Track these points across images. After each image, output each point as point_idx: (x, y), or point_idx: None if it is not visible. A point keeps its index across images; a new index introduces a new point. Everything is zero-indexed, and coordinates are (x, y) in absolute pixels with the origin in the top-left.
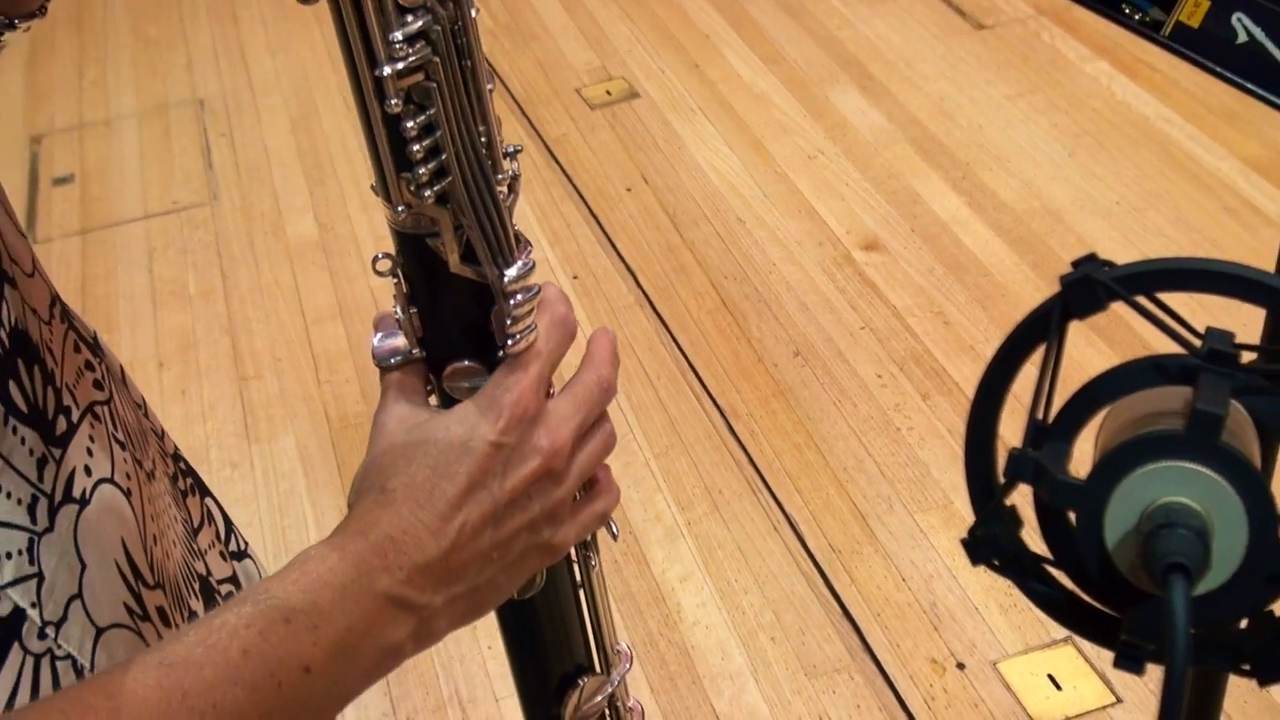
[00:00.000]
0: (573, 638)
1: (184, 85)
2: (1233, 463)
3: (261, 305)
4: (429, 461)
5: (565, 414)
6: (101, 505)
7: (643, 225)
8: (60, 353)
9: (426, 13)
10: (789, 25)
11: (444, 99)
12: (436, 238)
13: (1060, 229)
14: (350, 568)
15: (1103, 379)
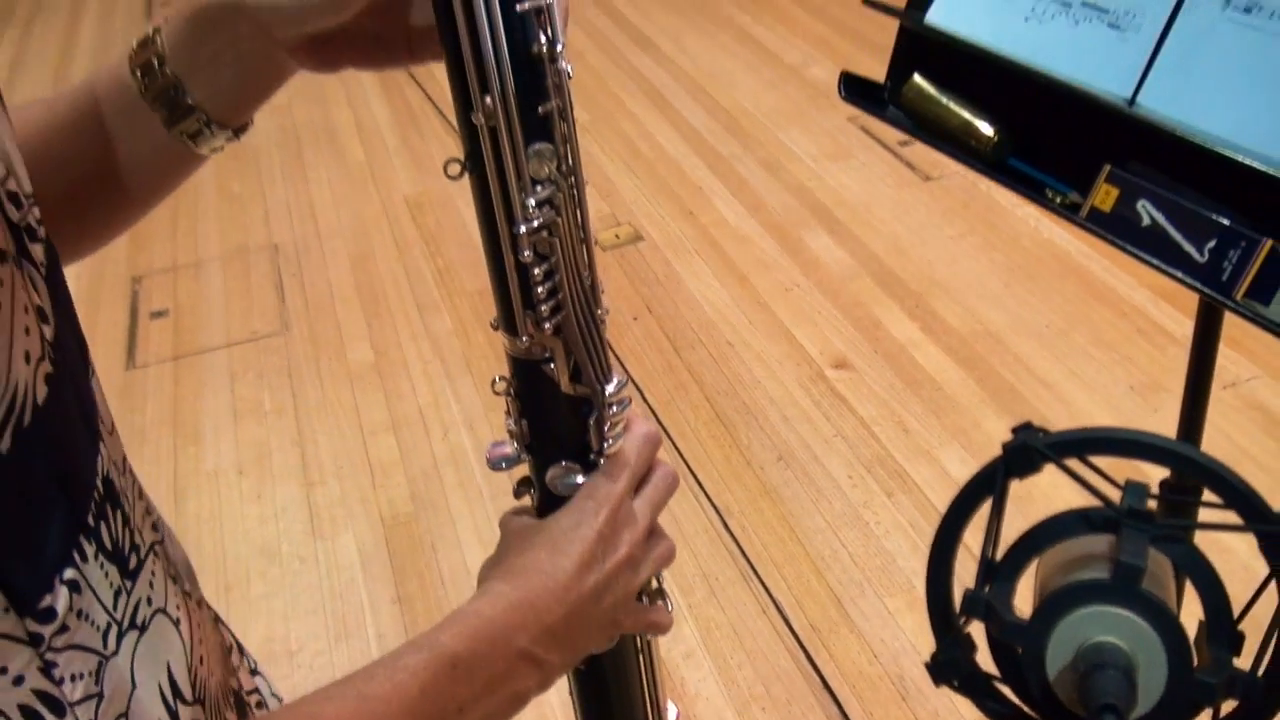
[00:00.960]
0: (632, 693)
1: (261, 233)
2: (1152, 608)
3: (325, 420)
4: (547, 543)
5: (644, 512)
6: (156, 632)
7: (647, 349)
8: (131, 500)
9: (552, 184)
10: (767, 179)
11: (563, 251)
12: (549, 363)
13: (1000, 349)
14: (500, 626)
15: (1041, 527)
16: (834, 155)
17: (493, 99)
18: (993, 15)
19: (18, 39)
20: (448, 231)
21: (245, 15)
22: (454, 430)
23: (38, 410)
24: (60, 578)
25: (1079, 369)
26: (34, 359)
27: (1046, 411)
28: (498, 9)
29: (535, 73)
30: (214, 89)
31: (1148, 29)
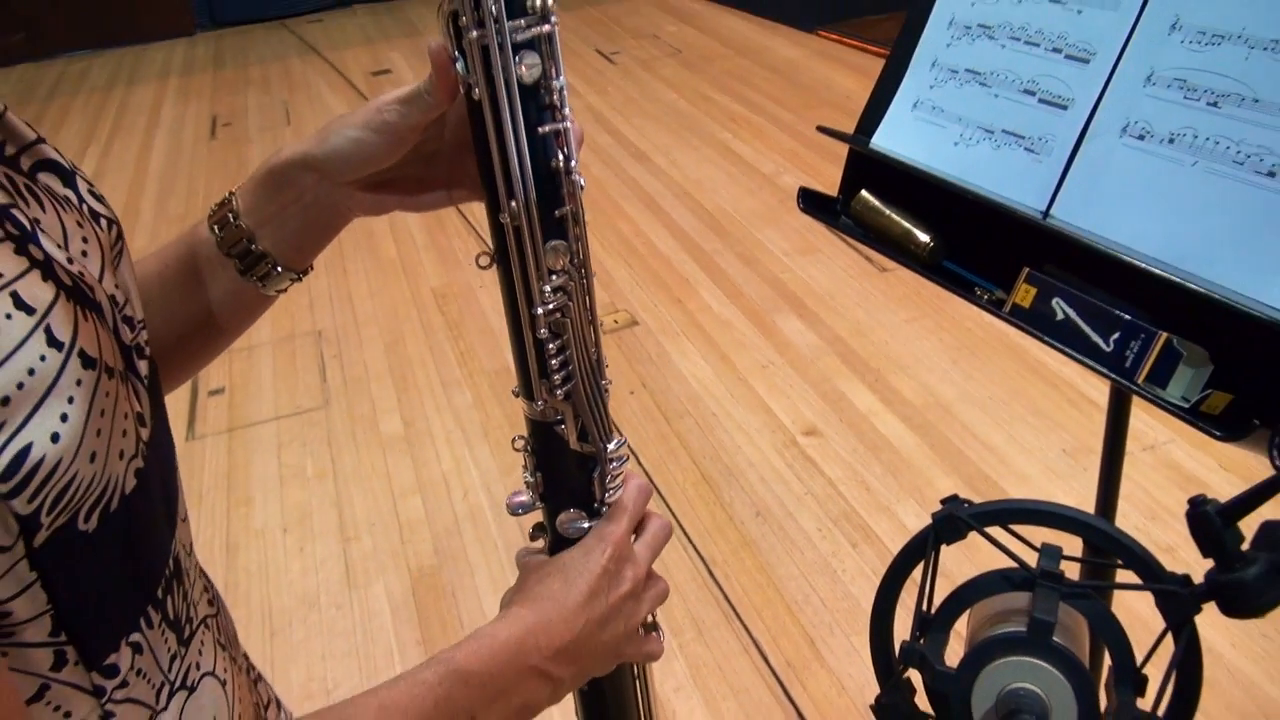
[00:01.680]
0: (629, 713)
1: (307, 320)
2: (1063, 657)
3: (360, 484)
4: (560, 575)
5: (644, 555)
6: (203, 692)
7: (642, 419)
8: (193, 578)
9: (565, 274)
10: (745, 270)
11: (573, 330)
12: (560, 424)
13: (948, 418)
14: (512, 646)
15: (967, 586)
16: (803, 250)
17: (517, 204)
18: (927, 140)
19: (99, 155)
20: (469, 318)
21: (312, 167)
22: (473, 491)
23: (124, 498)
24: (126, 640)
25: (1018, 434)
26: (128, 456)
27: (990, 472)
28: (523, 131)
29: (553, 183)
30: (281, 237)
31: (1058, 153)
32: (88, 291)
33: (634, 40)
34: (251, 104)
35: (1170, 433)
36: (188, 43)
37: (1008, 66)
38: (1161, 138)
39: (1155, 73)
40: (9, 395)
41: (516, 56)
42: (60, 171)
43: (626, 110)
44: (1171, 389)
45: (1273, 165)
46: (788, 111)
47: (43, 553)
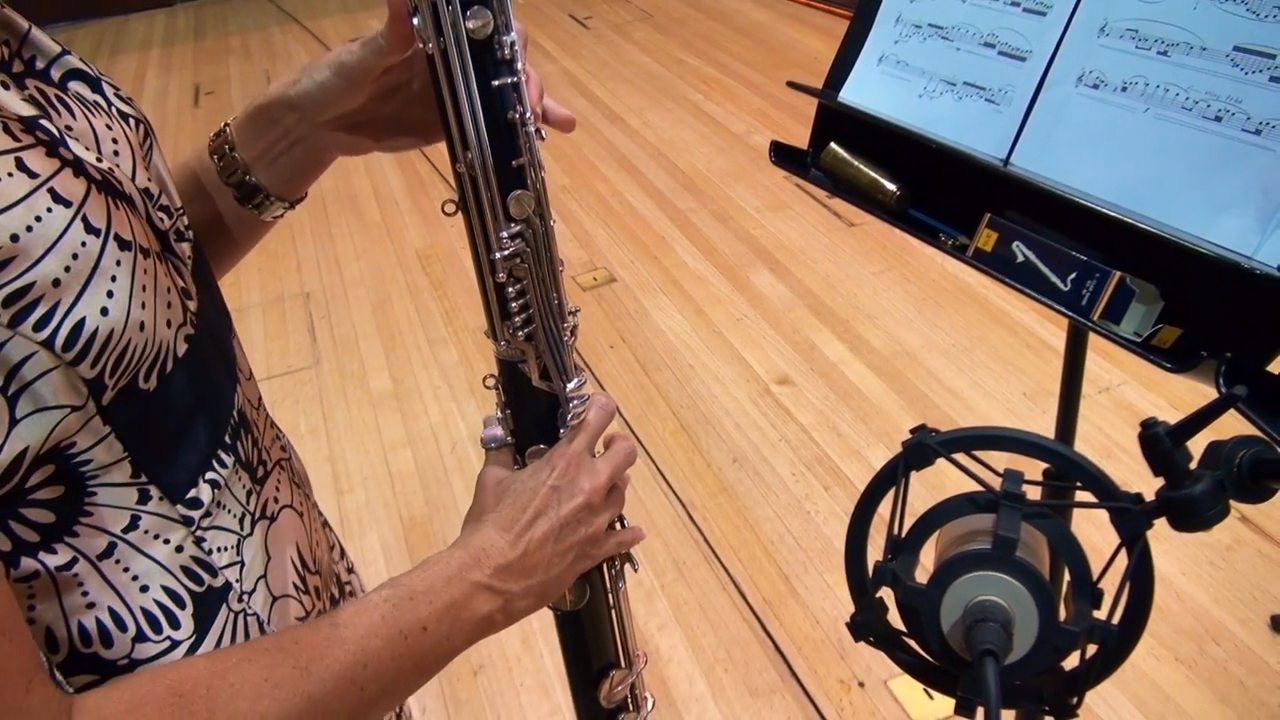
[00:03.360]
0: (605, 640)
1: (295, 282)
2: (1025, 570)
3: (352, 440)
4: (509, 499)
5: (602, 468)
6: (284, 521)
7: (622, 372)
8: (261, 428)
9: (523, 221)
10: (719, 228)
11: (532, 275)
12: (524, 363)
13: (915, 365)
14: (454, 566)
15: (936, 509)
16: (774, 207)
17: (472, 154)
18: (893, 93)
19: None
20: (452, 278)
21: (290, 106)
22: (460, 444)
23: (178, 360)
24: (204, 478)
25: (980, 380)
26: (175, 324)
27: (955, 416)
28: (474, 85)
29: (510, 134)
30: (272, 171)
31: (1017, 103)
32: (117, 185)
33: (606, 5)
34: (234, 73)
35: (1124, 375)
36: (167, 14)
37: (968, 20)
38: (1115, 86)
39: (1109, 23)
40: (59, 278)
41: (466, 12)
42: (88, 79)
43: (601, 74)
44: (1125, 325)
45: (1219, 110)
46: (757, 73)
47: (112, 409)
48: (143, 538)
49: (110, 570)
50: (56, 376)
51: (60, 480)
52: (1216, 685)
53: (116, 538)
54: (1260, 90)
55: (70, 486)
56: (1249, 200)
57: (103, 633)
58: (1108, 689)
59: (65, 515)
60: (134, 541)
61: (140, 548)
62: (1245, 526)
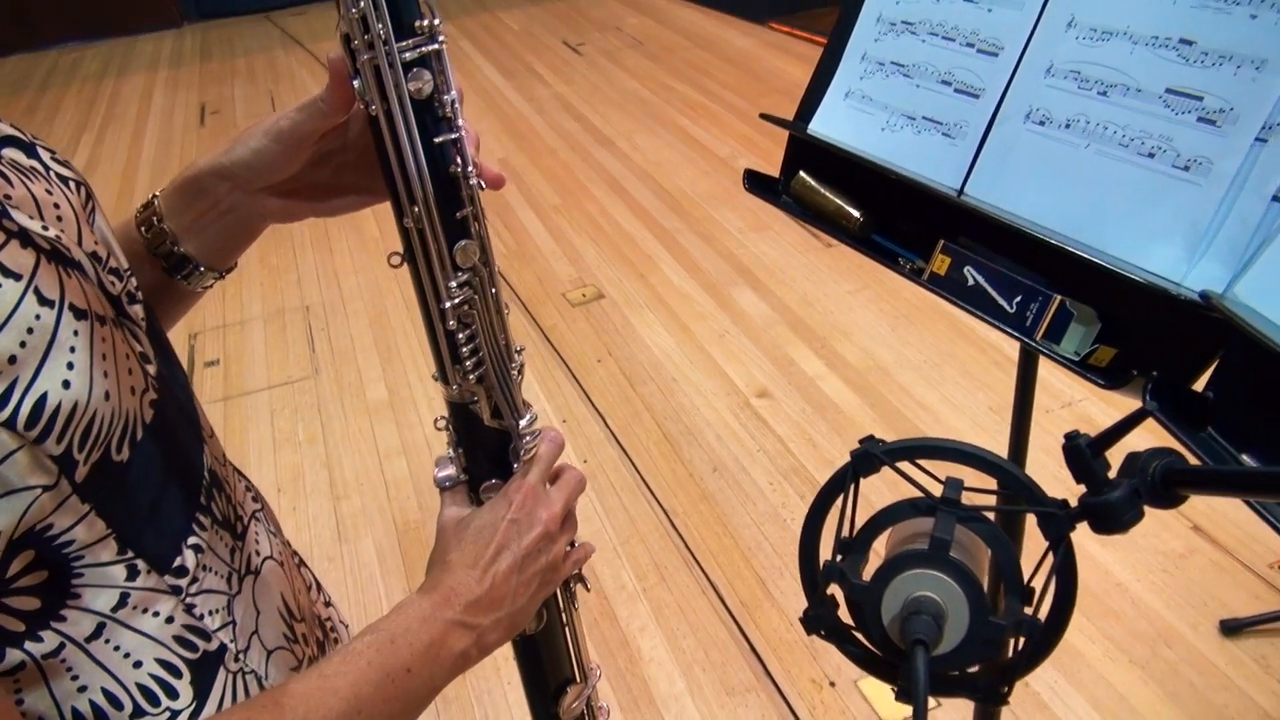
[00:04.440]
0: (561, 658)
1: (295, 296)
2: (958, 569)
3: (349, 447)
4: (470, 537)
5: (556, 498)
6: (268, 573)
7: (609, 385)
8: (232, 483)
9: (469, 269)
10: (703, 247)
11: (480, 320)
12: (475, 404)
13: (887, 380)
14: (428, 608)
15: (881, 513)
16: (756, 228)
17: (419, 208)
18: (858, 126)
19: (93, 142)
20: None
21: (223, 176)
22: None
23: (146, 427)
24: (185, 544)
25: (949, 394)
26: (139, 391)
27: (924, 428)
28: (419, 143)
29: (453, 187)
30: (201, 242)
31: (971, 137)
32: (65, 252)
33: (599, 32)
34: (238, 93)
35: (1085, 391)
36: (175, 35)
37: (928, 59)
38: (1059, 123)
39: (1054, 65)
40: (14, 354)
41: (407, 74)
42: (21, 145)
43: (592, 98)
44: (1065, 344)
45: (1152, 147)
46: (742, 99)
47: (88, 485)
48: (132, 614)
49: (100, 651)
50: (21, 457)
51: (42, 565)
52: (1168, 686)
53: (105, 617)
54: (1189, 130)
55: (54, 570)
56: (1178, 231)
57: (98, 715)
58: (1066, 689)
59: (51, 601)
60: (123, 619)
61: (130, 624)
62: (1198, 536)
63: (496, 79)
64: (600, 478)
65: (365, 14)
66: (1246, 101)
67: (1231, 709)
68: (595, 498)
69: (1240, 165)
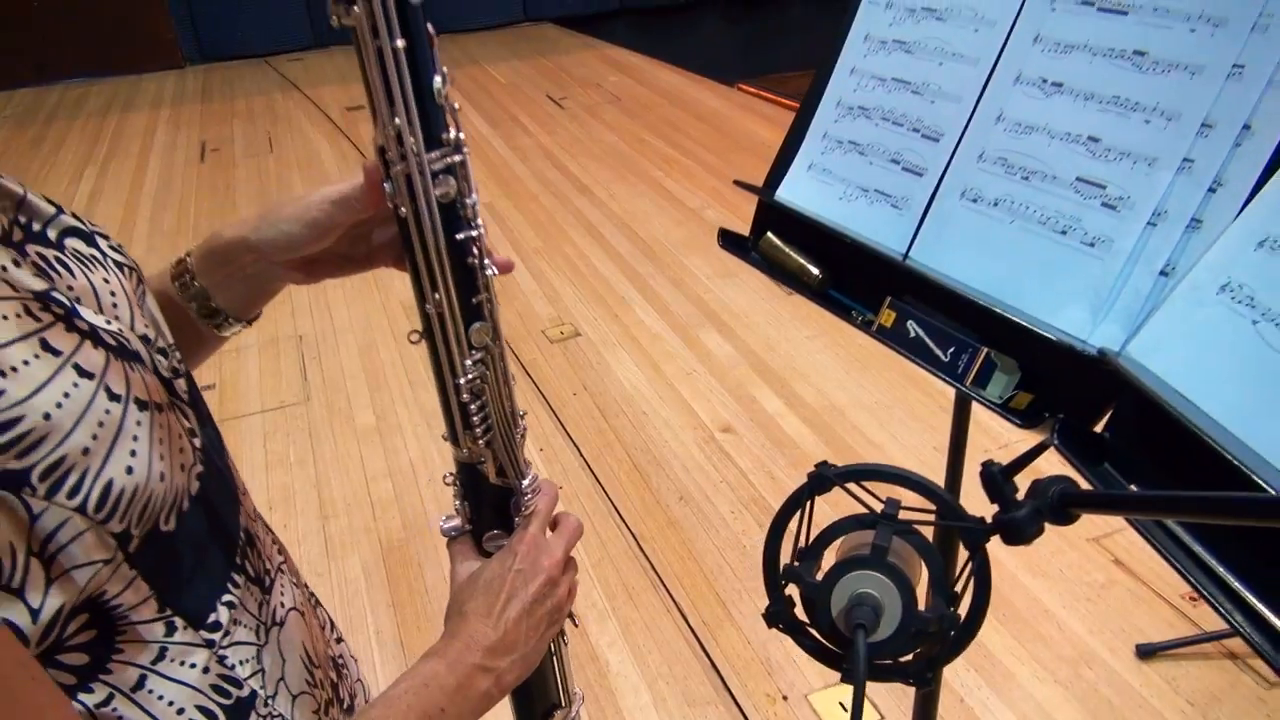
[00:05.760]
0: (549, 685)
1: (289, 325)
2: (894, 571)
3: (337, 469)
4: (482, 589)
5: (555, 546)
6: (291, 624)
7: (583, 417)
8: (262, 538)
9: (483, 348)
10: (674, 291)
11: (490, 392)
12: (483, 464)
13: (842, 420)
14: (453, 655)
15: (832, 525)
16: (723, 275)
17: (439, 294)
18: (819, 194)
19: (97, 174)
20: None
21: (249, 247)
22: (437, 476)
23: (192, 499)
24: (220, 600)
25: (897, 434)
26: (188, 467)
27: None
28: (443, 240)
29: (470, 277)
30: (228, 298)
31: (915, 209)
32: (127, 344)
33: (581, 88)
34: (238, 132)
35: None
36: (178, 75)
37: (879, 140)
38: (989, 201)
39: (986, 152)
40: (88, 446)
41: (435, 181)
42: (82, 235)
43: (573, 149)
44: (990, 389)
45: (1065, 226)
46: (712, 155)
47: (138, 555)
48: (170, 665)
49: (145, 700)
50: (89, 536)
51: (93, 625)
52: (1088, 704)
53: (147, 669)
54: (1094, 212)
55: (102, 629)
56: (1084, 297)
57: None
58: (996, 704)
59: (99, 656)
60: (163, 670)
61: (169, 675)
62: (1118, 569)
63: (484, 128)
64: (574, 503)
65: (400, 130)
66: (1141, 192)
67: None
68: None
69: (1134, 244)
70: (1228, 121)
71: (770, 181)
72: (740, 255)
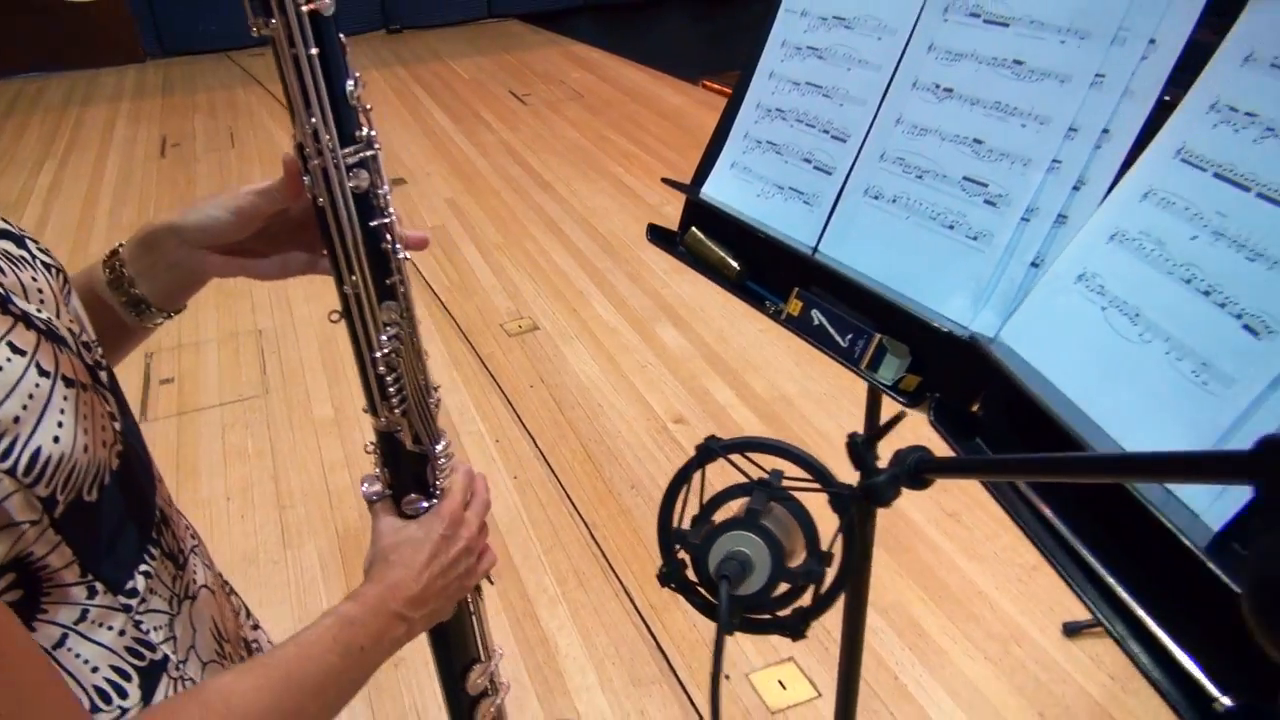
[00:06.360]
0: (467, 640)
1: (249, 320)
2: (765, 532)
3: (295, 461)
4: (408, 544)
5: (473, 519)
6: (202, 599)
7: (540, 409)
8: (175, 521)
9: (396, 325)
10: (630, 285)
11: (405, 365)
12: (399, 433)
13: (791, 409)
14: (376, 598)
15: (718, 494)
16: (679, 270)
17: (355, 276)
18: (740, 191)
19: (56, 168)
20: None
21: (175, 231)
22: None
23: (113, 474)
24: (138, 570)
25: (844, 423)
26: (109, 444)
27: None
28: (357, 226)
29: (383, 260)
30: (153, 286)
31: (824, 205)
32: (56, 330)
33: (544, 84)
34: (199, 127)
35: None
36: (138, 69)
37: (793, 140)
38: (889, 198)
39: (886, 152)
40: (18, 415)
41: (349, 174)
42: (13, 238)
43: (535, 145)
44: (882, 372)
45: (952, 221)
46: (673, 151)
47: (62, 520)
48: (90, 627)
49: (64, 658)
50: (18, 498)
51: (20, 585)
52: (1016, 679)
53: (69, 629)
54: (977, 209)
55: (28, 590)
56: (967, 287)
57: None
58: (928, 680)
59: (24, 615)
60: (83, 631)
61: (88, 635)
62: None
63: (446, 124)
64: (528, 492)
65: (316, 128)
66: (1017, 190)
67: (1068, 698)
68: (523, 509)
69: (1010, 238)
70: (1090, 126)
71: (697, 179)
72: (668, 250)
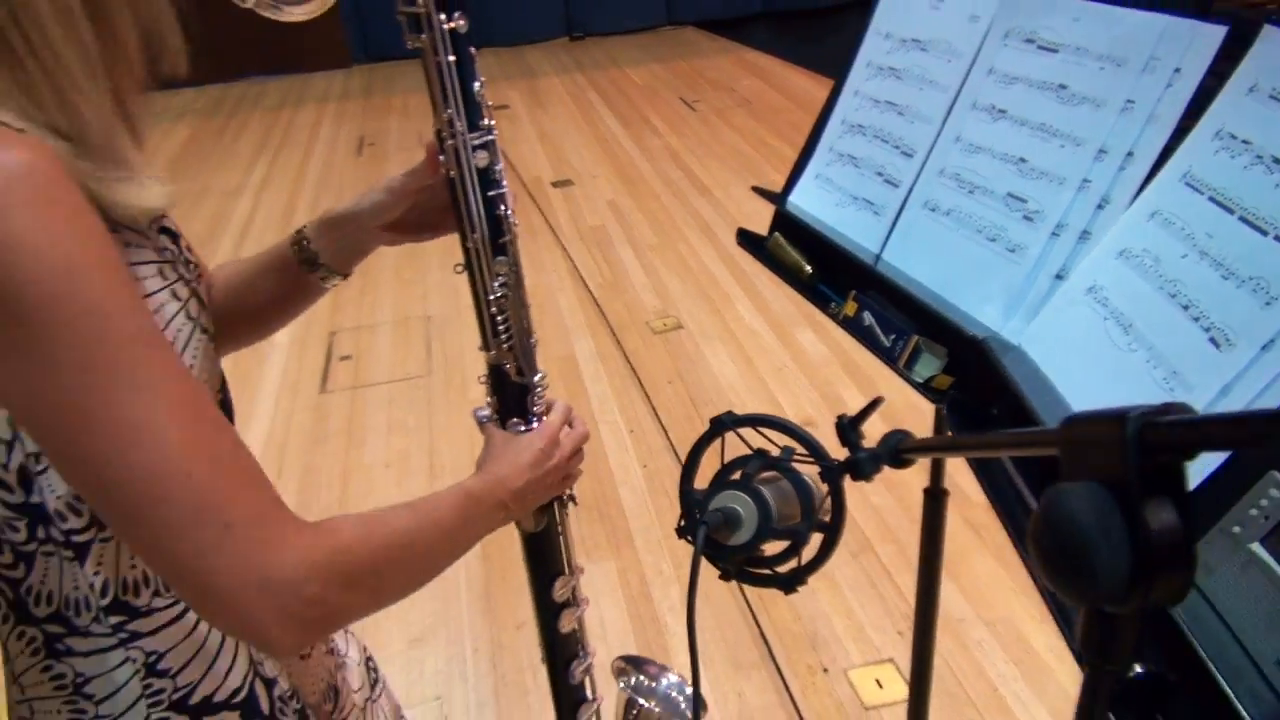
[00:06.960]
0: (554, 554)
1: (420, 306)
2: (756, 494)
3: (448, 437)
4: (518, 451)
5: (566, 444)
6: None
7: (675, 404)
8: None
9: (506, 276)
10: (774, 290)
11: (512, 309)
12: (506, 365)
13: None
14: (486, 486)
15: (727, 464)
16: None
17: (476, 235)
18: (822, 201)
19: (269, 163)
20: (546, 316)
21: (350, 217)
22: None
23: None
24: None
25: None
26: (215, 388)
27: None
28: (479, 194)
29: (498, 223)
30: (333, 255)
31: (889, 215)
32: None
33: (714, 91)
34: (393, 127)
35: None
36: (345, 73)
37: (869, 154)
38: (944, 211)
39: (946, 168)
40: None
41: (475, 153)
42: (172, 235)
43: (698, 151)
44: (918, 371)
45: (994, 234)
46: None
47: None
48: None
49: None
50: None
51: None
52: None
53: None
54: (1016, 223)
55: None
56: (1001, 295)
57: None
58: (1028, 696)
59: None
60: None
61: None
62: None
63: (616, 128)
64: (654, 481)
65: (452, 117)
66: (1050, 206)
67: None
68: (649, 496)
69: (1041, 251)
70: (1117, 148)
71: (788, 188)
72: (754, 254)
